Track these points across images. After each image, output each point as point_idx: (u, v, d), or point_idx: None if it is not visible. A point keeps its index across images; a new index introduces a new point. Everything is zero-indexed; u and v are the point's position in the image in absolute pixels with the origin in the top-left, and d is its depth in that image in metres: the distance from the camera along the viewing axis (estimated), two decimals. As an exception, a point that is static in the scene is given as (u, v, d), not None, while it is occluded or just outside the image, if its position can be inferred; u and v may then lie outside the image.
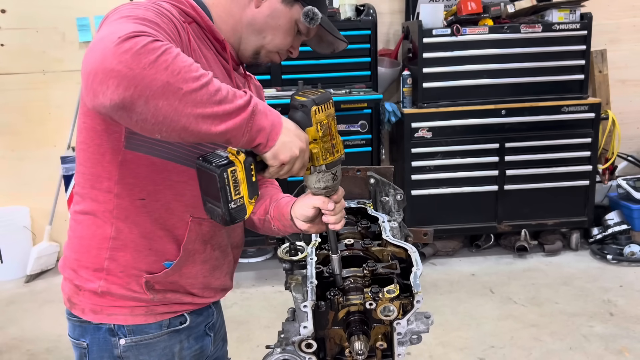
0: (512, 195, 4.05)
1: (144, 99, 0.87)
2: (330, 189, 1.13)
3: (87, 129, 1.16)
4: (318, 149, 1.06)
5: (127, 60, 0.85)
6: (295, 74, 3.83)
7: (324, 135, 1.06)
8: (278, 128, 1.01)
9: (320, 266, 1.27)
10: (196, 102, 0.90)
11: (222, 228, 1.29)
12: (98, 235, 1.20)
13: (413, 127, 3.92)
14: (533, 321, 3.27)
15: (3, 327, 3.44)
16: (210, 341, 1.37)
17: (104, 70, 0.85)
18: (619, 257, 3.96)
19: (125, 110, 0.87)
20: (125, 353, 1.23)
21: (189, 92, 0.89)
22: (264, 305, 3.56)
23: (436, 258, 4.19)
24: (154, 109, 0.88)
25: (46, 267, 4.21)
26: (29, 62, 4.15)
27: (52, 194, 4.14)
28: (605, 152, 4.36)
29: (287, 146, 1.01)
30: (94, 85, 0.86)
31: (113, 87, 0.85)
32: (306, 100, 1.04)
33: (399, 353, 1.19)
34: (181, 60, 0.90)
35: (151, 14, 1.03)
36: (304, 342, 1.15)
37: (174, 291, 1.25)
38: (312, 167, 1.08)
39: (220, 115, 0.93)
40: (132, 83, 0.85)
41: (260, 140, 0.99)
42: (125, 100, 0.86)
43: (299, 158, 1.04)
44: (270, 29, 1.25)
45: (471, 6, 3.79)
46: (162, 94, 0.87)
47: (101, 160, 1.16)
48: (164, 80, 0.87)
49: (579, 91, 4.01)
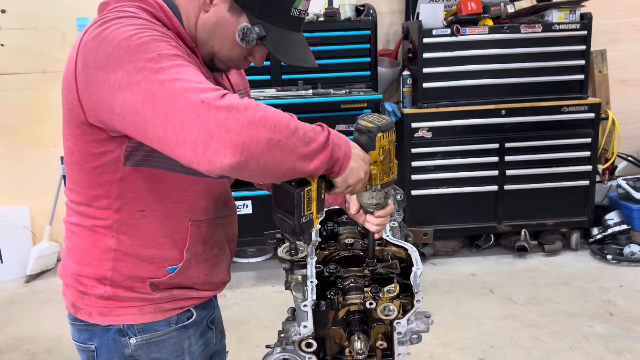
0: (512, 195, 4.05)
1: (256, 159, 0.93)
2: (380, 205, 1.20)
3: (80, 151, 1.14)
4: (377, 171, 1.13)
5: (233, 127, 0.91)
6: (295, 74, 3.83)
7: (384, 159, 1.13)
8: (349, 156, 1.07)
9: (320, 266, 1.27)
10: (292, 149, 0.97)
11: (218, 226, 1.30)
12: (98, 248, 1.20)
13: (413, 127, 3.92)
14: (533, 321, 3.27)
15: (3, 327, 3.44)
16: (212, 335, 1.39)
17: (217, 141, 0.91)
18: (619, 257, 3.96)
19: (241, 170, 0.94)
20: (136, 352, 1.24)
21: (286, 141, 0.96)
22: (264, 305, 3.56)
23: (436, 258, 4.19)
24: (264, 164, 0.95)
25: (46, 267, 4.21)
26: (29, 62, 4.15)
27: (52, 194, 4.14)
28: (605, 152, 4.36)
29: (355, 171, 1.08)
30: (208, 155, 0.91)
31: (230, 155, 0.91)
32: (373, 127, 1.11)
33: (399, 352, 1.19)
34: (268, 111, 0.96)
35: (166, 46, 1.01)
36: (304, 342, 1.15)
37: (179, 287, 1.26)
38: (369, 186, 1.15)
39: (309, 155, 1.00)
40: (245, 147, 0.92)
41: (335, 170, 1.06)
42: (241, 163, 0.93)
43: (362, 180, 1.11)
44: (217, 37, 1.17)
45: (471, 6, 3.79)
46: (268, 151, 0.94)
47: (98, 180, 1.15)
48: (266, 137, 0.93)
49: (579, 91, 4.01)
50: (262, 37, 1.15)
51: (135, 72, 0.96)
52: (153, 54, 0.98)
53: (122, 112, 0.98)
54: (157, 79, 0.95)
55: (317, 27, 3.83)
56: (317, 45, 3.85)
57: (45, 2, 4.08)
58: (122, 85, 0.97)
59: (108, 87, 0.99)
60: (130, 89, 0.96)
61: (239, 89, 1.44)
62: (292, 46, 1.20)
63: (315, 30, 3.83)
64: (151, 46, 0.99)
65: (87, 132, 1.11)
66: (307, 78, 3.82)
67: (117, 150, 1.12)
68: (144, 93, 0.95)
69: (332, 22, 3.85)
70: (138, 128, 0.98)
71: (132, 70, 0.97)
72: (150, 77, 0.95)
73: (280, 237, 1.60)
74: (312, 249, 1.31)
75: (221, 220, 1.32)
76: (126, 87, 0.96)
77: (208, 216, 1.27)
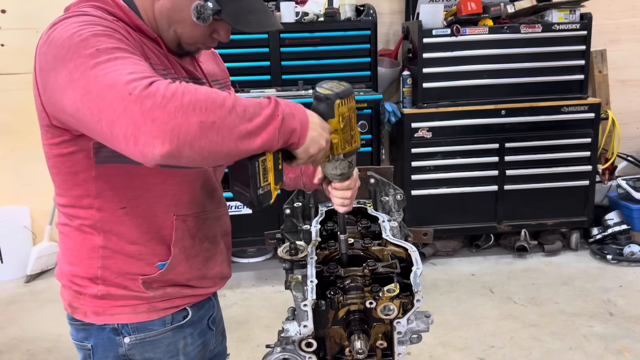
0: (512, 195, 4.05)
1: (189, 145, 0.91)
2: (345, 175, 1.19)
3: (54, 156, 1.17)
4: (338, 139, 1.11)
5: (159, 116, 0.89)
6: (295, 74, 3.83)
7: (345, 127, 1.11)
8: (306, 125, 1.05)
9: (320, 265, 1.27)
10: (231, 129, 0.93)
11: (206, 220, 1.31)
12: (87, 247, 1.21)
13: (413, 127, 3.92)
14: (533, 321, 3.28)
15: (3, 327, 3.44)
16: (212, 335, 1.39)
17: (144, 132, 0.89)
18: (618, 257, 3.96)
19: (175, 158, 0.92)
20: (130, 351, 1.24)
21: (221, 122, 0.92)
22: (264, 305, 3.56)
23: (436, 258, 4.19)
24: (199, 149, 0.92)
25: (46, 267, 4.21)
26: (29, 62, 4.08)
27: (52, 194, 4.10)
28: (605, 152, 4.36)
29: (315, 140, 1.06)
30: (139, 147, 0.90)
31: (159, 145, 0.89)
32: (330, 93, 1.09)
33: (399, 352, 1.19)
34: (199, 93, 0.92)
35: (106, 39, 1.01)
36: (304, 341, 1.15)
37: (173, 285, 1.26)
38: (331, 156, 1.13)
39: (254, 131, 0.96)
40: (173, 135, 0.89)
41: (293, 140, 1.04)
42: (172, 152, 0.90)
43: (324, 149, 1.09)
44: (176, 22, 1.16)
45: (471, 6, 3.79)
46: (201, 134, 0.91)
47: (75, 180, 1.17)
48: (197, 121, 0.90)
49: (579, 91, 4.01)
50: (218, 11, 1.12)
51: (75, 70, 0.96)
52: (92, 49, 0.97)
53: (70, 111, 0.99)
54: (92, 74, 0.94)
55: (317, 27, 3.84)
56: (317, 45, 3.86)
57: (45, 2, 4.06)
58: (65, 84, 0.97)
59: (57, 88, 1.00)
60: (71, 87, 0.96)
61: (217, 79, 1.42)
62: (251, 13, 1.16)
63: (315, 30, 3.83)
64: (90, 42, 0.99)
65: (56, 135, 1.13)
66: (307, 78, 3.83)
67: (85, 147, 1.14)
68: (81, 90, 0.95)
69: (332, 22, 3.85)
70: (82, 125, 0.99)
71: (72, 68, 0.97)
72: (87, 74, 0.95)
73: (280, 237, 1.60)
74: (312, 248, 1.31)
75: (210, 214, 1.32)
76: (68, 86, 0.97)
77: (194, 210, 1.27)
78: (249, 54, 3.78)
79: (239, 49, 3.71)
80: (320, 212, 1.52)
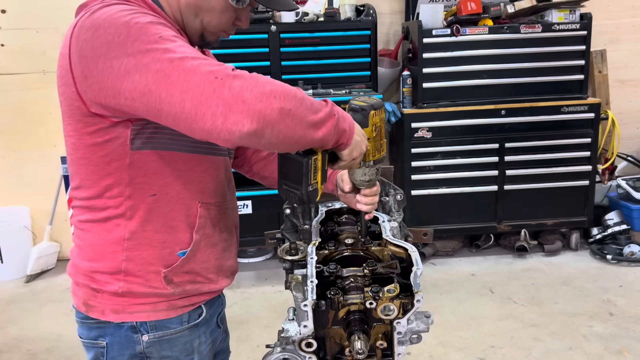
0: (512, 195, 4.05)
1: (270, 127, 0.99)
2: (372, 182, 1.28)
3: (86, 146, 1.16)
4: (370, 147, 1.22)
5: (248, 98, 0.97)
6: (295, 74, 3.83)
7: (376, 136, 1.22)
8: (353, 129, 1.14)
9: (320, 265, 1.27)
10: (302, 117, 1.03)
11: (226, 210, 1.34)
12: (111, 240, 1.21)
13: (413, 127, 3.92)
14: (533, 321, 3.28)
15: (3, 327, 3.44)
16: (220, 333, 1.41)
17: (235, 111, 0.97)
18: (618, 257, 3.96)
19: (257, 138, 1.00)
20: (148, 349, 1.25)
21: (296, 110, 1.02)
22: (264, 305, 3.56)
23: (436, 258, 4.19)
24: (277, 132, 1.01)
25: (46, 267, 4.21)
26: (29, 62, 4.15)
27: (52, 194, 4.14)
28: (605, 152, 4.37)
29: (358, 144, 1.16)
30: (228, 124, 0.97)
31: (248, 123, 0.97)
32: (366, 105, 1.20)
33: (399, 352, 1.19)
34: (274, 82, 1.02)
35: (163, 27, 1.06)
36: (304, 341, 1.16)
37: (192, 282, 1.27)
38: (362, 162, 1.24)
39: (318, 123, 1.06)
40: (260, 116, 0.98)
41: (342, 141, 1.13)
42: (257, 131, 0.99)
43: (363, 153, 1.19)
44: (204, 11, 1.20)
45: (471, 6, 3.79)
46: (281, 119, 1.00)
47: (107, 169, 1.17)
48: (279, 106, 0.99)
49: (579, 91, 4.01)
50: None
51: (142, 56, 1.00)
52: (155, 36, 1.02)
53: (132, 95, 1.02)
54: (165, 58, 0.99)
55: (317, 27, 3.83)
56: (317, 45, 3.86)
57: (45, 2, 4.08)
58: (129, 69, 1.00)
59: (112, 74, 1.02)
60: (139, 72, 1.00)
61: None
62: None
63: (315, 30, 3.83)
64: (151, 29, 1.03)
65: (90, 123, 1.13)
66: (307, 78, 3.83)
67: (123, 134, 1.14)
68: (155, 74, 0.99)
69: (332, 22, 3.85)
70: (150, 108, 1.01)
71: (137, 54, 1.00)
72: (158, 58, 0.99)
73: (280, 237, 1.60)
74: (312, 248, 1.31)
75: (229, 204, 1.36)
76: (135, 71, 1.00)
77: (216, 199, 1.30)
78: (249, 54, 3.78)
79: (239, 49, 3.71)
80: (320, 212, 1.52)
